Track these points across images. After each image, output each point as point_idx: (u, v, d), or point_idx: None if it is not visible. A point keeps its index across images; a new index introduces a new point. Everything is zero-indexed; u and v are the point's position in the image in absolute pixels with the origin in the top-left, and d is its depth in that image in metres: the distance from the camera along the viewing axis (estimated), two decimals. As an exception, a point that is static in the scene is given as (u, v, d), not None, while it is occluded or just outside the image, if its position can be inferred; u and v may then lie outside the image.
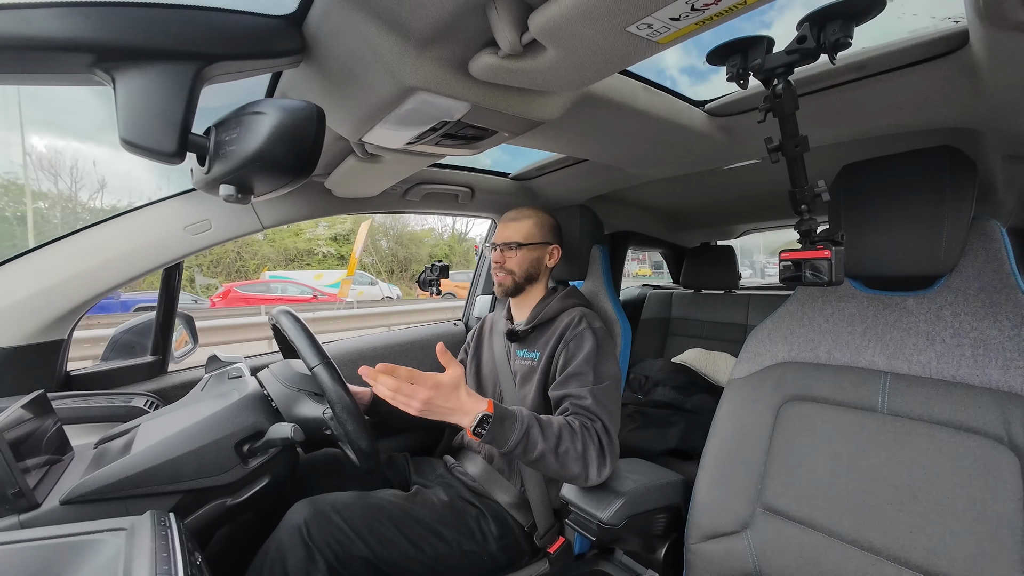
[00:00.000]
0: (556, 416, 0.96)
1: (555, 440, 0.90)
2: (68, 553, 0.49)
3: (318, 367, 0.84)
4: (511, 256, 1.22)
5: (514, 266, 1.21)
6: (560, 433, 0.91)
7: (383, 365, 0.81)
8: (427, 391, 0.80)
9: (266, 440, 0.82)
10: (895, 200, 0.79)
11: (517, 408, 0.91)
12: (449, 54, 0.64)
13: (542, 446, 0.88)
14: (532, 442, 0.88)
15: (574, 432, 0.93)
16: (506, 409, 0.88)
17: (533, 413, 0.92)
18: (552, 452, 0.89)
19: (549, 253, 1.25)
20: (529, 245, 1.22)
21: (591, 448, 0.93)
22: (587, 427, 0.96)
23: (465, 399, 0.84)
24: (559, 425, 0.92)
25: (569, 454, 0.91)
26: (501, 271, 1.22)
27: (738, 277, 2.25)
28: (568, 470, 0.91)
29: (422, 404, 0.80)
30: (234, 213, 1.17)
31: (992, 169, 1.15)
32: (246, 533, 1.02)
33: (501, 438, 0.86)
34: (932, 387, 0.74)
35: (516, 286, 1.22)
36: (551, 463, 0.90)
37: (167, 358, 1.29)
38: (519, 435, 0.87)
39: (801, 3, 0.90)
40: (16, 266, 0.99)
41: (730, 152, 1.18)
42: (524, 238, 1.22)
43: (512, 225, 1.24)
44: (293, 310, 0.96)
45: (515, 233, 1.22)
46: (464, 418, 0.84)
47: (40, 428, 0.75)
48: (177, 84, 0.53)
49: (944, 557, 0.67)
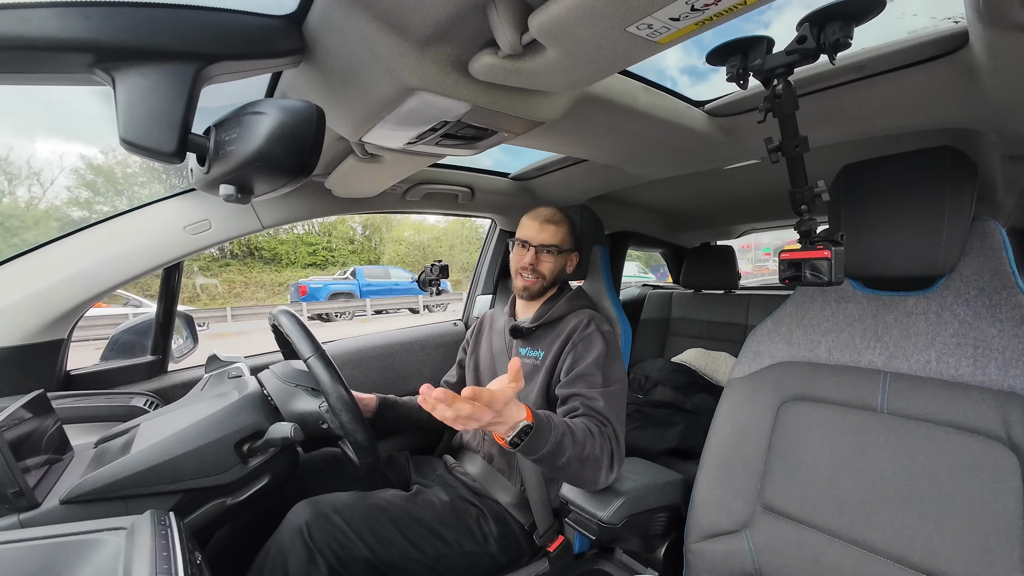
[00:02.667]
0: (577, 421, 0.93)
1: (581, 447, 0.87)
2: (68, 553, 0.49)
3: (311, 359, 0.84)
4: (547, 260, 1.18)
5: (547, 271, 1.18)
6: (585, 440, 0.89)
7: (469, 389, 0.69)
8: (492, 414, 0.70)
9: (266, 440, 0.82)
10: (895, 200, 0.79)
11: (545, 413, 0.84)
12: (449, 54, 0.64)
13: (570, 452, 0.84)
14: (563, 449, 0.83)
15: (593, 438, 0.91)
16: (542, 418, 0.82)
17: (563, 419, 0.88)
18: (578, 459, 0.86)
19: (571, 259, 1.25)
20: (565, 252, 1.21)
21: (605, 452, 0.93)
22: (603, 431, 0.95)
23: (513, 411, 0.76)
24: (583, 431, 0.90)
25: (590, 460, 0.89)
26: (532, 273, 1.17)
27: (738, 277, 2.25)
28: (586, 475, 0.90)
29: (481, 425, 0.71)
30: (234, 213, 1.17)
31: (992, 169, 1.15)
32: (246, 532, 1.02)
33: (535, 447, 0.80)
34: (932, 387, 0.74)
35: (543, 290, 1.20)
36: (574, 469, 0.87)
37: (167, 358, 1.29)
38: (553, 443, 0.81)
39: (800, 3, 0.90)
40: (16, 266, 0.99)
41: (730, 152, 1.18)
42: (561, 243, 1.19)
43: (549, 228, 1.19)
44: (293, 310, 0.97)
45: (552, 237, 1.18)
46: (500, 427, 0.76)
47: (40, 428, 0.75)
48: (177, 84, 0.53)
49: (944, 557, 0.67)
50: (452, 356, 1.77)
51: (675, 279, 2.82)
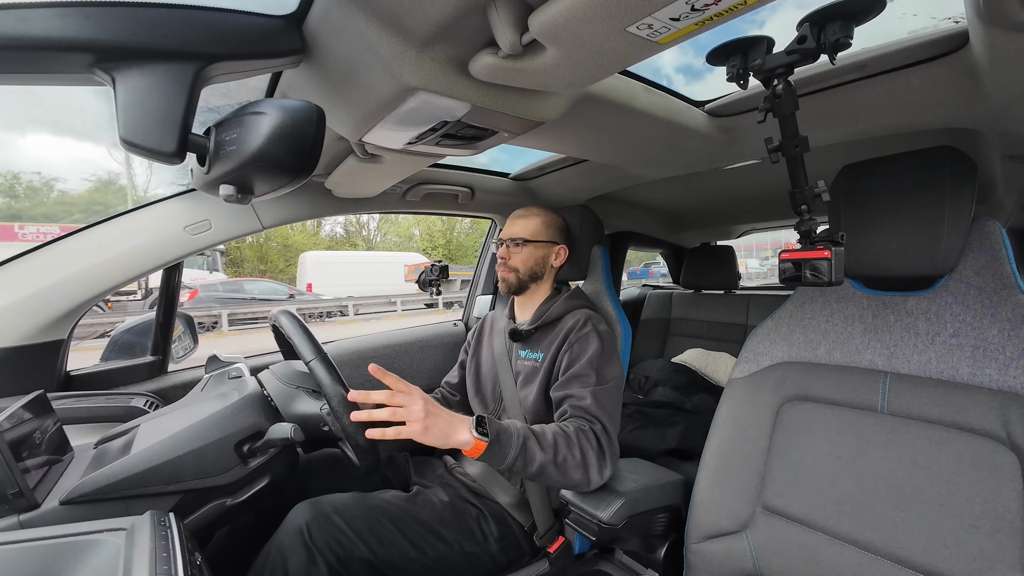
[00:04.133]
0: (549, 425, 0.95)
1: (552, 450, 0.89)
2: (68, 553, 0.49)
3: (313, 361, 0.84)
4: (516, 253, 1.21)
5: (518, 263, 1.20)
6: (556, 442, 0.90)
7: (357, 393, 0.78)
8: (421, 395, 0.79)
9: (266, 440, 0.82)
10: (895, 200, 0.79)
11: (511, 422, 0.89)
12: (449, 54, 0.64)
13: (541, 457, 0.87)
14: (531, 455, 0.86)
15: (570, 439, 0.92)
16: (500, 423, 0.87)
17: (527, 426, 0.91)
18: (551, 463, 0.88)
19: (556, 253, 1.24)
20: (535, 243, 1.21)
21: (589, 452, 0.93)
22: (583, 431, 0.95)
23: (455, 413, 0.83)
24: (553, 434, 0.91)
25: (568, 462, 0.90)
26: (505, 268, 1.21)
27: (738, 277, 2.25)
28: (570, 478, 0.91)
29: (424, 411, 0.77)
30: (234, 213, 1.17)
31: (992, 169, 1.15)
32: (246, 533, 1.02)
33: (500, 455, 0.84)
34: (932, 387, 0.74)
35: (520, 284, 1.21)
36: (552, 474, 0.89)
37: (167, 358, 1.29)
38: (517, 449, 0.85)
39: (801, 3, 0.90)
40: (16, 266, 0.99)
41: (730, 152, 1.18)
42: (530, 235, 1.21)
43: (519, 222, 1.23)
44: (293, 310, 0.96)
45: (521, 230, 1.21)
46: (463, 430, 0.81)
47: (40, 428, 0.75)
48: (177, 84, 0.53)
49: (944, 557, 0.67)
50: (452, 356, 1.77)
51: (675, 279, 2.82)
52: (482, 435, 0.82)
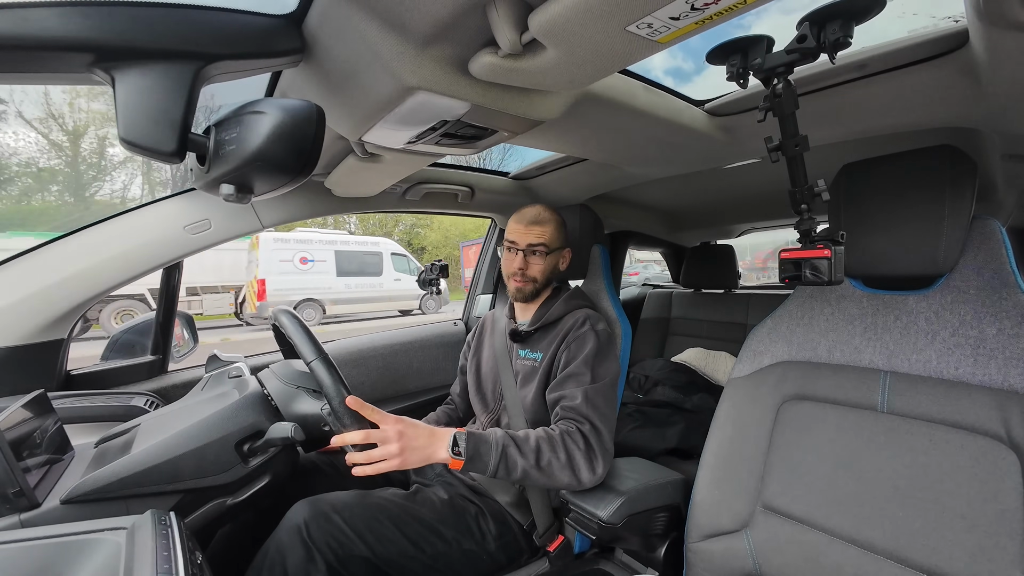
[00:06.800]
0: (535, 430, 0.96)
1: (534, 455, 0.90)
2: (69, 552, 0.49)
3: (314, 362, 0.84)
4: (536, 263, 1.14)
5: (537, 273, 1.15)
6: (538, 447, 0.91)
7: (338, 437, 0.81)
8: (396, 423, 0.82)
9: (266, 439, 0.82)
10: (895, 199, 0.79)
11: (492, 430, 0.91)
12: (449, 54, 0.64)
13: (522, 463, 0.89)
14: (512, 461, 0.89)
15: (554, 441, 0.93)
16: (479, 435, 0.89)
17: (507, 432, 0.92)
18: (534, 468, 0.90)
19: (564, 256, 1.22)
20: (554, 251, 1.16)
21: (576, 453, 0.93)
22: (570, 432, 0.95)
23: (432, 429, 0.86)
24: (537, 439, 0.92)
25: (553, 465, 0.91)
26: (522, 278, 1.14)
27: (738, 276, 2.25)
28: (558, 480, 0.92)
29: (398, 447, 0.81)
30: (234, 213, 1.17)
31: (992, 169, 1.16)
32: (246, 532, 1.02)
33: (481, 463, 0.87)
34: (932, 386, 0.74)
35: (536, 292, 1.18)
36: (538, 478, 0.91)
37: (167, 357, 1.29)
38: (497, 456, 0.87)
39: (787, 8, 0.90)
40: (16, 266, 0.99)
41: (730, 152, 1.18)
42: (550, 242, 1.15)
43: (535, 228, 1.14)
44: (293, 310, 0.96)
45: (541, 236, 1.14)
46: (440, 447, 0.85)
47: (40, 428, 0.75)
48: (177, 84, 0.53)
49: (944, 556, 0.67)
50: (452, 356, 1.77)
51: (675, 279, 2.82)
52: (457, 455, 0.85)
